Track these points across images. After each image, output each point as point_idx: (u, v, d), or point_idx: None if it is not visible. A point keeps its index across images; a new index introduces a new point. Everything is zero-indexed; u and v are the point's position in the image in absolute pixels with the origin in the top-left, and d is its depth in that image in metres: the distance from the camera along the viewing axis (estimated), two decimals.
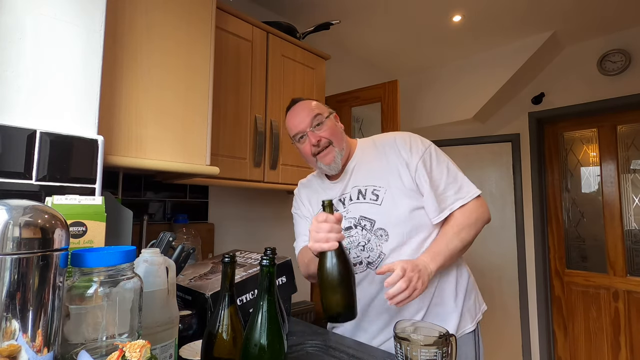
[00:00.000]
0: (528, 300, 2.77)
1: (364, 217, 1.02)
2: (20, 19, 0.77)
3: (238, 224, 1.86)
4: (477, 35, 2.46)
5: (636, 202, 2.46)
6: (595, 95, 2.53)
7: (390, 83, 2.14)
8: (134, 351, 0.47)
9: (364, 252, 1.01)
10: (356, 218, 1.03)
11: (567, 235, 2.74)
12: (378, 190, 1.02)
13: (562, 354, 2.67)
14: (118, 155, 1.00)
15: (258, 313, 0.59)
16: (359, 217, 1.03)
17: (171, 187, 1.62)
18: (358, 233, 1.03)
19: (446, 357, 0.65)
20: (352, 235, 1.03)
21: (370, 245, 1.01)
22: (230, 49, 1.49)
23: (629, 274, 2.45)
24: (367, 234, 1.01)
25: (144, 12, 1.07)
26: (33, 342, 0.48)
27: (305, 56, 1.82)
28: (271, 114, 1.63)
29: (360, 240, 1.02)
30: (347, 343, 0.93)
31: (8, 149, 0.72)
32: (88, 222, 0.69)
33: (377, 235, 1.00)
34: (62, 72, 0.83)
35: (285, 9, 2.14)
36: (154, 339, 0.65)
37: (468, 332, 1.01)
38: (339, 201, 1.08)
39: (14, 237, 0.47)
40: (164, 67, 1.11)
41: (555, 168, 2.81)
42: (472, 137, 3.07)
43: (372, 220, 1.01)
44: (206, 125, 1.19)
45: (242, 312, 0.68)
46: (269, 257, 0.60)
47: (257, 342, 0.57)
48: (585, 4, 2.11)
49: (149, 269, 0.69)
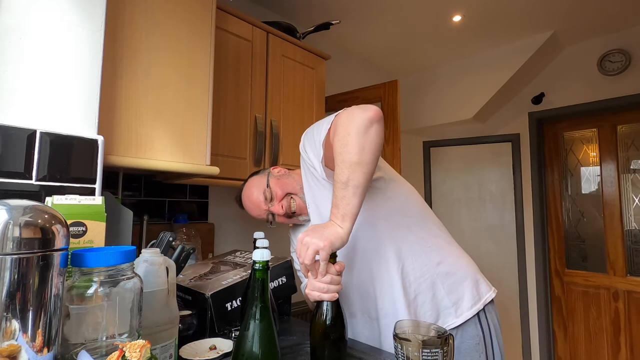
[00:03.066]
0: (528, 300, 2.77)
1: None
2: (21, 19, 0.77)
3: (238, 224, 1.86)
4: (477, 35, 2.46)
5: (636, 202, 2.46)
6: (595, 95, 2.53)
7: (390, 83, 2.14)
8: (134, 351, 0.47)
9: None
10: None
11: (567, 235, 2.74)
12: (314, 202, 1.01)
13: (562, 354, 2.67)
14: (118, 155, 1.00)
15: (251, 322, 0.56)
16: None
17: (171, 187, 1.61)
18: None
19: (446, 356, 0.65)
20: None
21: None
22: (230, 49, 1.49)
23: (629, 274, 2.44)
24: None
25: (144, 12, 1.07)
26: (33, 342, 0.48)
27: (305, 56, 1.82)
28: (271, 114, 1.63)
29: None
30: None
31: (8, 149, 0.72)
32: (88, 222, 0.69)
33: None
34: (62, 72, 0.83)
35: (285, 9, 2.14)
36: (154, 339, 0.65)
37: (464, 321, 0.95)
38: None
39: (14, 237, 0.47)
40: (164, 67, 1.11)
41: (555, 168, 2.81)
42: (472, 137, 3.07)
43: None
44: (206, 125, 1.19)
45: None
46: (260, 261, 0.58)
47: (251, 355, 0.55)
48: (585, 4, 2.11)
49: (149, 269, 0.69)
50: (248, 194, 1.08)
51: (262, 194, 1.04)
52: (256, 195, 1.05)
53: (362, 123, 0.76)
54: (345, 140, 0.76)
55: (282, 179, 1.07)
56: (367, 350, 0.90)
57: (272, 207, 1.04)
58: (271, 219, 1.06)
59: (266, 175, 1.08)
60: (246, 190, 1.09)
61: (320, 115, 1.88)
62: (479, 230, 3.01)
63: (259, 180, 1.08)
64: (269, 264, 0.59)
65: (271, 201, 1.04)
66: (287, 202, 1.04)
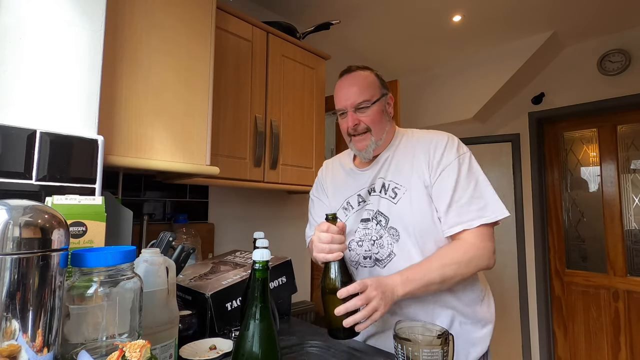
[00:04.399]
0: (528, 300, 2.76)
1: (380, 212, 1.00)
2: (21, 19, 0.77)
3: (238, 224, 1.86)
4: (477, 35, 2.46)
5: (636, 202, 2.46)
6: (595, 95, 2.53)
7: (390, 83, 2.14)
8: (134, 351, 0.47)
9: (374, 247, 0.99)
10: (374, 211, 1.01)
11: (567, 235, 2.74)
12: (398, 189, 0.98)
13: (562, 354, 2.67)
14: (118, 155, 1.00)
15: (251, 322, 0.56)
16: (377, 211, 1.00)
17: (171, 187, 1.61)
18: (373, 227, 1.00)
19: (446, 356, 0.65)
20: (368, 228, 1.01)
21: (382, 241, 0.98)
22: (230, 49, 1.49)
23: (629, 274, 2.44)
24: (380, 229, 0.99)
25: (144, 12, 1.07)
26: (33, 342, 0.48)
27: (305, 56, 1.82)
28: (271, 114, 1.63)
29: (373, 234, 1.00)
30: (347, 343, 0.93)
31: (8, 149, 0.72)
32: (88, 222, 0.69)
33: (390, 233, 0.97)
34: (62, 72, 0.83)
35: (285, 9, 2.14)
36: (154, 339, 0.65)
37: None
38: (367, 191, 1.05)
39: (14, 237, 0.47)
40: (164, 67, 1.11)
41: (555, 168, 2.81)
42: (472, 137, 3.07)
43: (387, 217, 0.98)
44: (206, 125, 1.19)
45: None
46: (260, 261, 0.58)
47: (251, 355, 0.54)
48: (585, 4, 2.11)
49: (149, 269, 0.69)
50: (361, 80, 1.01)
51: (362, 100, 0.99)
52: (360, 90, 0.99)
53: (478, 269, 0.91)
54: (466, 269, 0.88)
55: (382, 117, 1.02)
56: (367, 350, 0.90)
57: (352, 111, 1.00)
58: (342, 113, 1.03)
59: (384, 95, 1.04)
60: (362, 78, 1.02)
61: (320, 115, 1.88)
62: None
63: (376, 90, 1.02)
64: (269, 264, 0.59)
65: (361, 109, 1.00)
66: (363, 127, 1.00)
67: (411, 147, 1.01)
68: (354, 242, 1.03)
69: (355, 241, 1.03)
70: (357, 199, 1.06)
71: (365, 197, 1.04)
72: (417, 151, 0.99)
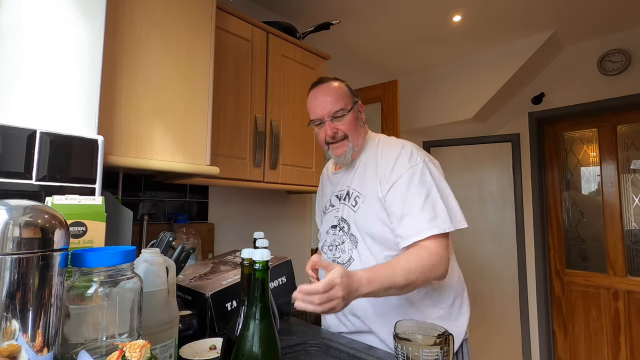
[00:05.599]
0: (528, 300, 2.76)
1: (344, 219, 1.06)
2: (20, 19, 0.77)
3: (238, 224, 1.86)
4: (477, 35, 2.46)
5: (636, 202, 2.46)
6: (595, 95, 2.53)
7: (390, 83, 2.14)
8: (134, 351, 0.47)
9: (337, 252, 1.06)
10: (339, 217, 1.07)
11: (567, 235, 2.74)
12: (359, 197, 1.04)
13: (562, 354, 2.67)
14: (118, 155, 1.00)
15: (251, 322, 0.56)
16: (341, 217, 1.07)
17: (171, 187, 1.61)
18: (337, 233, 1.07)
19: (446, 356, 0.65)
20: (335, 234, 1.08)
21: (344, 247, 1.04)
22: (230, 49, 1.49)
23: (629, 274, 2.44)
24: (343, 235, 1.05)
25: (144, 12, 1.07)
26: (33, 342, 0.48)
27: (305, 56, 1.82)
28: (271, 114, 1.63)
29: (337, 240, 1.07)
30: (347, 343, 0.93)
31: (8, 149, 0.72)
32: (88, 222, 0.69)
33: (351, 239, 1.03)
34: (62, 72, 0.83)
35: (285, 9, 2.14)
36: (154, 339, 0.65)
37: None
38: (336, 197, 1.11)
39: (14, 237, 0.47)
40: (164, 67, 1.11)
41: (555, 168, 2.81)
42: (472, 137, 3.07)
43: (349, 224, 1.04)
44: (206, 125, 1.19)
45: None
46: (260, 261, 0.57)
47: (251, 355, 0.54)
48: (585, 4, 2.11)
49: (149, 269, 0.69)
50: (333, 90, 1.05)
51: (337, 110, 1.02)
52: (334, 100, 1.03)
53: (434, 278, 0.90)
54: (426, 276, 0.87)
55: (357, 124, 1.06)
56: (368, 350, 0.90)
57: (329, 120, 1.03)
58: (318, 123, 1.06)
59: (356, 103, 1.07)
60: (333, 89, 1.05)
61: None
62: (479, 230, 3.01)
63: (348, 99, 1.05)
64: (269, 264, 0.59)
65: (337, 118, 1.03)
66: (341, 135, 1.04)
67: (373, 158, 1.05)
68: (325, 246, 1.11)
69: (326, 245, 1.10)
70: (330, 203, 1.14)
71: (334, 203, 1.11)
72: (377, 163, 1.03)
